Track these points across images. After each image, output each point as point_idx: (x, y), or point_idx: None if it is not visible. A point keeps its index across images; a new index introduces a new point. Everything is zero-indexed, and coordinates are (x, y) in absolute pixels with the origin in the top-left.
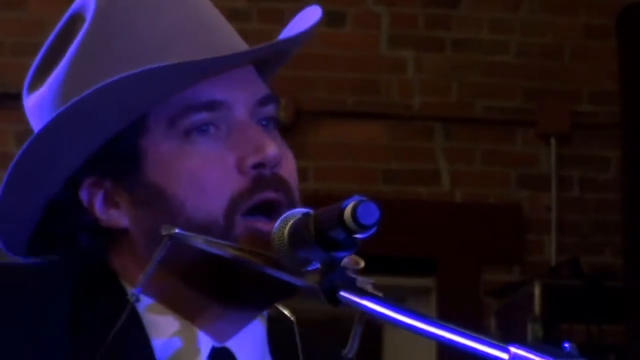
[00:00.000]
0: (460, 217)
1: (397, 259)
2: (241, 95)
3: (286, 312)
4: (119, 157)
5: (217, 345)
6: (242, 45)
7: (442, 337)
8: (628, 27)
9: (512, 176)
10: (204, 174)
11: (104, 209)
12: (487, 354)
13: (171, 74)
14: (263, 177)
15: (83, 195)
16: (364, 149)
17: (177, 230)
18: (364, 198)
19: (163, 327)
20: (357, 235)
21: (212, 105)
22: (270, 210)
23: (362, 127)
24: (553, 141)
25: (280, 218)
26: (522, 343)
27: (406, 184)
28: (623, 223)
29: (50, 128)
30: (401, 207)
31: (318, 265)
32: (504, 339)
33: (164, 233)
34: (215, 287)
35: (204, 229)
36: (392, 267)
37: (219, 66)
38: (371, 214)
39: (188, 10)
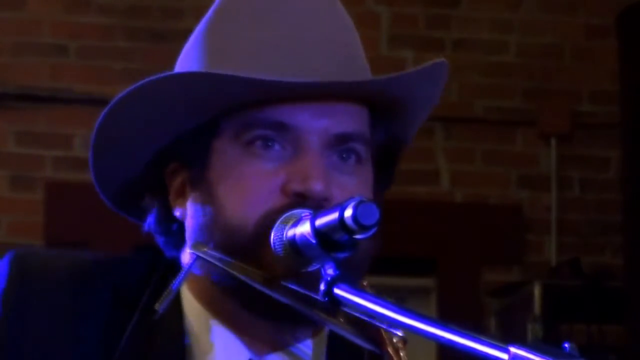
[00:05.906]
0: (460, 217)
1: (397, 259)
2: (317, 125)
3: (359, 341)
4: (195, 150)
5: (255, 358)
6: (354, 73)
7: (442, 337)
8: (628, 27)
9: (512, 176)
10: (249, 185)
11: (175, 196)
12: (487, 354)
13: (234, 85)
14: (304, 205)
15: (167, 176)
16: None
17: (206, 250)
18: (364, 198)
19: (203, 328)
20: (358, 236)
21: (277, 127)
22: None
23: None
24: (553, 141)
25: (280, 219)
26: (522, 343)
27: (406, 184)
28: (623, 223)
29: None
30: (401, 207)
31: (318, 266)
32: (504, 339)
33: (192, 250)
34: (247, 299)
35: (235, 234)
36: (392, 267)
37: (286, 90)
38: (371, 214)
39: (306, 20)
